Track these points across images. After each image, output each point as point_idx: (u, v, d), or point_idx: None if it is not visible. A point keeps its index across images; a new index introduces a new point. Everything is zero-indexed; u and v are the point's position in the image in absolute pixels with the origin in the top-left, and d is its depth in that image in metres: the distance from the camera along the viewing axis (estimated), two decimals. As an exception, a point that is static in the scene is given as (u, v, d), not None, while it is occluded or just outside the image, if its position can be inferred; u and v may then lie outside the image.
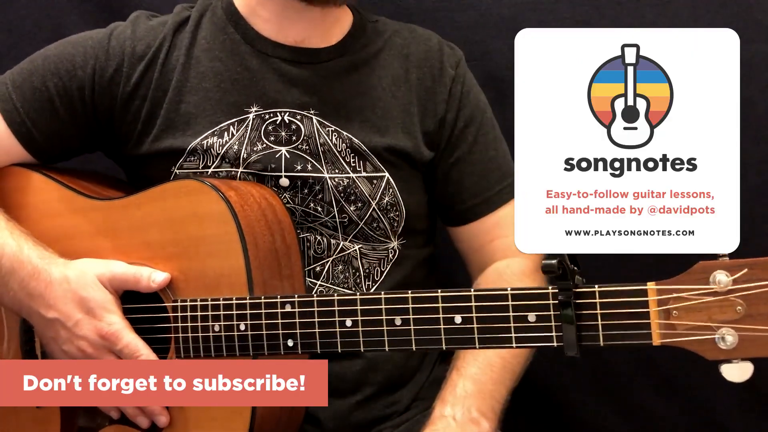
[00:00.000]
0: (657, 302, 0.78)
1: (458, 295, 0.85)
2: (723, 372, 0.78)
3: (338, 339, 0.90)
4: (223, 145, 1.07)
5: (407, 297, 0.87)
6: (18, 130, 1.09)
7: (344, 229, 1.08)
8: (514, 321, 0.83)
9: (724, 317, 0.77)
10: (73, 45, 1.10)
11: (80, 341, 0.99)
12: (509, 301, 0.83)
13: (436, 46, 1.16)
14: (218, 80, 1.09)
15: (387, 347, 0.88)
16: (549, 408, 1.45)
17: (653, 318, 0.79)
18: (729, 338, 0.77)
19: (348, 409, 1.07)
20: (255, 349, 0.94)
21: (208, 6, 1.14)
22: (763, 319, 0.76)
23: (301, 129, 1.08)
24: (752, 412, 1.41)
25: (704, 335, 0.77)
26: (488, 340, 0.84)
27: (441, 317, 0.85)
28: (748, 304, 0.76)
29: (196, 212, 0.99)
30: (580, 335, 0.81)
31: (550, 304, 0.82)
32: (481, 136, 1.15)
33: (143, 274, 0.99)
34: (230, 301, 0.95)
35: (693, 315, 0.78)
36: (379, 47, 1.14)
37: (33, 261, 1.01)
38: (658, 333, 0.79)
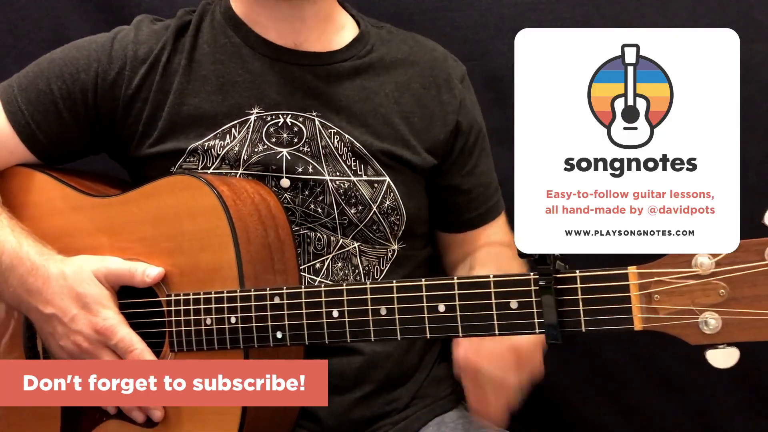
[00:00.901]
0: (638, 286, 0.78)
1: (442, 284, 0.85)
2: (708, 358, 0.77)
3: (325, 330, 0.90)
4: (224, 147, 1.07)
5: (392, 287, 0.87)
6: (22, 132, 1.10)
7: (344, 230, 1.09)
8: (496, 308, 0.83)
9: (707, 301, 0.76)
10: (77, 49, 1.12)
11: (76, 336, 0.99)
12: (491, 288, 0.83)
13: (441, 56, 1.18)
14: (220, 83, 1.09)
15: (372, 337, 0.88)
16: (549, 408, 1.45)
17: (634, 302, 0.78)
18: (712, 322, 0.76)
19: (347, 407, 1.07)
20: (245, 342, 0.94)
21: (207, 11, 1.15)
22: (747, 303, 0.75)
23: (303, 131, 1.08)
24: (752, 412, 1.41)
25: (687, 319, 0.77)
26: (471, 327, 0.84)
27: (425, 306, 0.86)
28: (731, 287, 0.75)
29: (189, 207, 1.00)
30: (562, 321, 0.81)
31: (531, 290, 0.82)
32: (484, 149, 1.20)
33: (137, 269, 1.00)
34: (221, 295, 0.95)
35: (675, 299, 0.77)
36: (383, 54, 1.15)
37: (32, 258, 1.02)
38: (639, 318, 0.78)
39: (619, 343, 1.42)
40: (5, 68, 1.15)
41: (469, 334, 0.85)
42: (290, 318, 0.92)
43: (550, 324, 0.81)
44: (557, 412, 1.45)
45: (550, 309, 0.81)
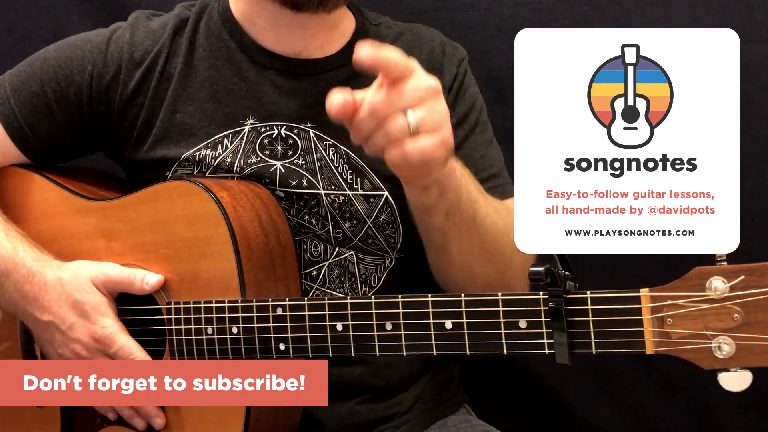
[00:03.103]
0: (651, 309, 0.77)
1: (448, 300, 0.84)
2: (721, 381, 0.76)
3: (329, 343, 0.89)
4: (216, 157, 1.05)
5: (397, 302, 0.86)
6: (15, 135, 1.09)
7: (339, 242, 1.07)
8: (504, 327, 0.82)
9: (721, 325, 0.75)
10: (71, 48, 1.09)
11: (75, 344, 0.99)
12: (500, 306, 0.82)
13: (438, 48, 1.14)
14: (214, 90, 1.07)
15: (378, 352, 0.87)
16: (549, 408, 1.45)
17: (646, 326, 0.77)
18: (726, 347, 0.75)
19: (349, 411, 1.06)
20: (247, 353, 0.93)
21: (206, 8, 1.12)
22: (761, 328, 0.74)
23: (297, 143, 1.06)
24: (752, 412, 1.41)
25: (700, 344, 0.76)
26: (479, 346, 0.83)
27: (431, 323, 0.84)
28: (745, 311, 0.74)
29: (188, 214, 0.98)
30: (572, 342, 0.79)
31: (541, 310, 0.80)
32: (474, 135, 1.12)
33: (137, 276, 0.99)
34: (222, 304, 0.94)
35: (688, 323, 0.76)
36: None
37: (27, 263, 1.01)
38: (651, 341, 0.77)
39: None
40: (5, 68, 1.15)
41: (476, 352, 0.83)
42: (293, 330, 0.91)
43: (560, 345, 0.79)
44: (557, 413, 1.45)
45: (560, 332, 0.79)
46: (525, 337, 0.81)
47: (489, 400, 1.32)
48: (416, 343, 0.85)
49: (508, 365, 1.44)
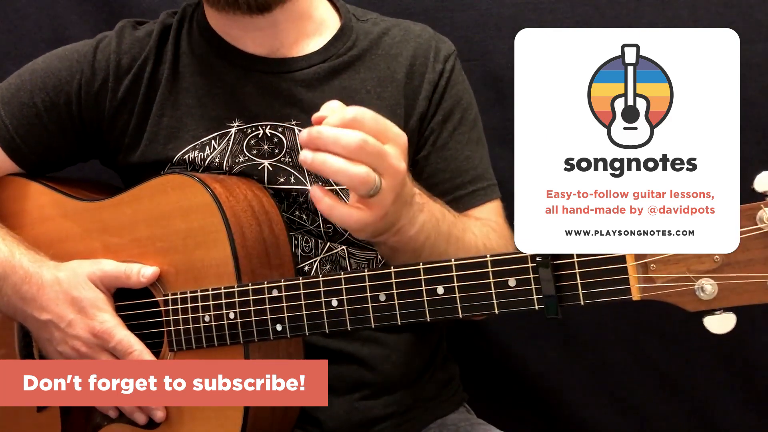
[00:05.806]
0: (634, 256, 0.79)
1: (439, 266, 0.86)
2: (706, 325, 0.78)
3: (325, 319, 0.90)
4: (205, 159, 1.07)
5: (390, 272, 0.87)
6: (7, 146, 1.10)
7: (330, 237, 1.08)
8: (494, 287, 0.84)
9: (703, 267, 0.77)
10: (59, 59, 1.11)
11: (74, 341, 0.99)
12: (489, 267, 0.84)
13: (425, 44, 1.13)
14: (199, 95, 1.09)
15: (373, 323, 0.88)
16: (549, 407, 1.45)
17: (631, 272, 0.79)
18: (708, 287, 0.77)
19: (348, 409, 1.07)
20: (245, 337, 0.94)
21: (186, 15, 1.13)
22: (741, 267, 0.76)
23: (283, 141, 1.07)
24: (752, 412, 1.41)
25: (683, 286, 0.78)
26: (471, 308, 0.85)
27: (424, 289, 0.86)
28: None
29: (182, 205, 0.99)
30: (560, 295, 0.81)
31: (529, 267, 0.82)
32: (459, 134, 1.12)
33: (132, 270, 1.00)
34: (219, 291, 0.95)
35: (671, 267, 0.78)
36: (364, 48, 1.12)
37: (24, 265, 1.01)
38: (637, 288, 0.79)
39: (619, 343, 1.42)
40: (5, 69, 1.15)
41: (468, 314, 0.85)
42: (289, 310, 0.92)
43: (549, 298, 0.81)
44: (557, 412, 1.45)
45: (548, 283, 0.81)
46: (515, 295, 0.83)
47: (489, 399, 1.32)
48: (410, 311, 0.87)
49: (508, 365, 1.44)
